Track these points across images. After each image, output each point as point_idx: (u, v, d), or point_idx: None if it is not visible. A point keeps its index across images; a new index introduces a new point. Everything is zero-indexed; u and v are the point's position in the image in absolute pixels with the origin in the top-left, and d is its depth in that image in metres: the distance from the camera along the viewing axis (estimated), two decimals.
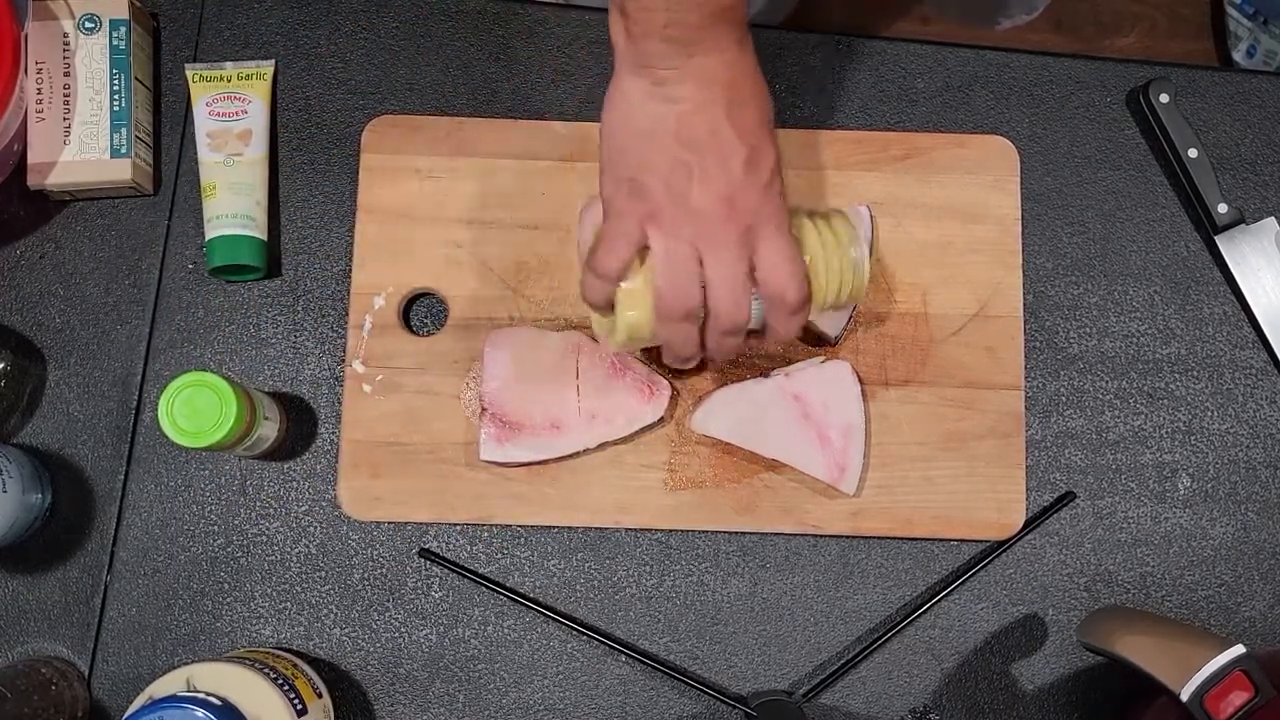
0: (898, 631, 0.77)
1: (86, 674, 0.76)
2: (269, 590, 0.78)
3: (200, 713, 0.65)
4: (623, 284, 0.65)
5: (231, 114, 0.81)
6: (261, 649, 0.76)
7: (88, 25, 0.80)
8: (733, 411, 0.76)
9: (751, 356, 0.79)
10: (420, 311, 0.81)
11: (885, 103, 0.83)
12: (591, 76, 0.83)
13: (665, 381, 0.77)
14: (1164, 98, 0.81)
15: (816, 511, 0.77)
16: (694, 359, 0.68)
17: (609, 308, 0.66)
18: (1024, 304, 0.80)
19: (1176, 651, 0.64)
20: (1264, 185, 0.83)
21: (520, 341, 0.77)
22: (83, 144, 0.79)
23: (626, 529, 0.78)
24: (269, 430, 0.75)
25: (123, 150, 0.79)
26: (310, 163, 0.82)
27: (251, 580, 0.78)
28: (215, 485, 0.79)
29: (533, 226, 0.80)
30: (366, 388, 0.78)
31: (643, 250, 0.64)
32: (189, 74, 0.82)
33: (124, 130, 0.79)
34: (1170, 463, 0.80)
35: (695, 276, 0.63)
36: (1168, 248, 0.82)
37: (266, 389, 0.79)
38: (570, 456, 0.77)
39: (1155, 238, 0.82)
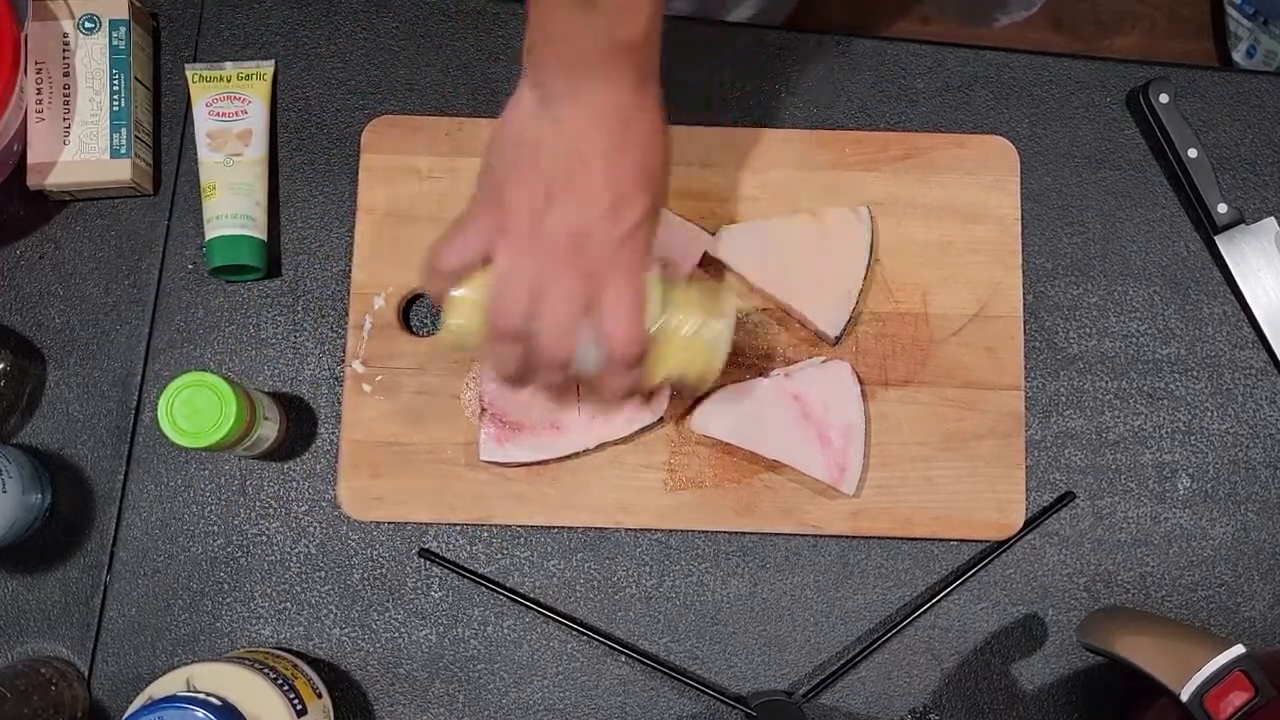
0: (898, 631, 0.77)
1: (86, 674, 0.76)
2: (269, 590, 0.78)
3: (200, 713, 0.65)
4: (457, 290, 0.64)
5: (231, 114, 0.81)
6: (261, 649, 0.76)
7: (87, 25, 0.80)
8: (732, 411, 0.76)
9: (751, 358, 0.79)
10: (420, 311, 0.81)
11: (885, 103, 0.83)
12: None
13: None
14: (1164, 98, 0.81)
15: (816, 511, 0.77)
16: (518, 384, 0.66)
17: (439, 302, 0.65)
18: (1024, 304, 0.80)
19: (1176, 651, 0.64)
20: (1264, 185, 0.83)
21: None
22: (82, 144, 0.79)
23: (626, 529, 0.78)
24: (269, 430, 0.75)
25: (122, 150, 0.79)
26: (310, 163, 0.82)
27: (251, 580, 0.78)
28: (215, 485, 0.79)
29: None
30: (366, 388, 0.78)
31: (487, 260, 0.63)
32: (189, 74, 0.82)
33: (124, 130, 0.79)
34: (1170, 463, 0.80)
35: (524, 300, 0.61)
36: (1167, 248, 0.82)
37: (266, 389, 0.79)
38: (570, 456, 0.77)
39: (1155, 238, 0.82)
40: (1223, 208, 0.80)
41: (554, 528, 0.78)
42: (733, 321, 0.68)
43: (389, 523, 0.78)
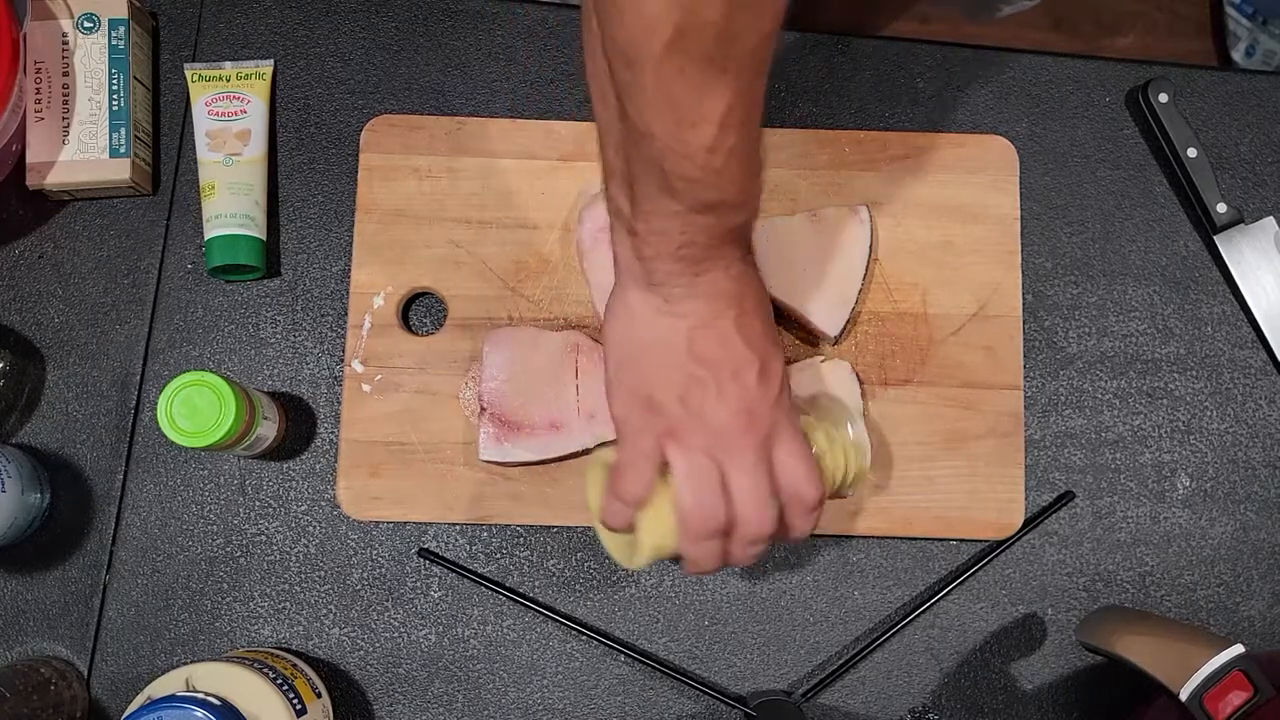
0: (897, 631, 0.76)
1: (85, 674, 0.76)
2: (268, 590, 0.77)
3: (199, 713, 0.65)
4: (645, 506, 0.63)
5: (230, 114, 0.80)
6: (260, 649, 0.76)
7: (86, 25, 0.80)
8: None
9: None
10: (419, 311, 0.81)
11: (885, 102, 0.83)
12: None
13: None
14: (1163, 97, 0.81)
15: None
16: (716, 571, 0.66)
17: (630, 529, 0.64)
18: (1023, 304, 0.80)
19: (1175, 651, 0.64)
20: (1263, 185, 0.83)
21: (519, 341, 0.77)
22: (81, 144, 0.79)
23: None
24: (268, 430, 0.75)
25: (121, 150, 0.79)
26: (309, 162, 0.82)
27: (250, 580, 0.78)
28: (214, 485, 0.79)
29: (532, 226, 0.80)
30: (365, 387, 0.78)
31: (661, 467, 0.62)
32: (188, 73, 0.82)
33: (123, 130, 0.79)
34: (1169, 462, 0.80)
35: (719, 495, 0.61)
36: (1167, 247, 0.82)
37: (265, 389, 0.79)
38: (570, 456, 0.76)
39: (1154, 237, 0.82)
40: (1222, 207, 0.80)
41: (554, 527, 0.78)
42: (861, 420, 0.70)
43: (388, 522, 0.78)
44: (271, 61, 0.83)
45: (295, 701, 0.69)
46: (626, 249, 0.60)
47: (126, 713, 0.66)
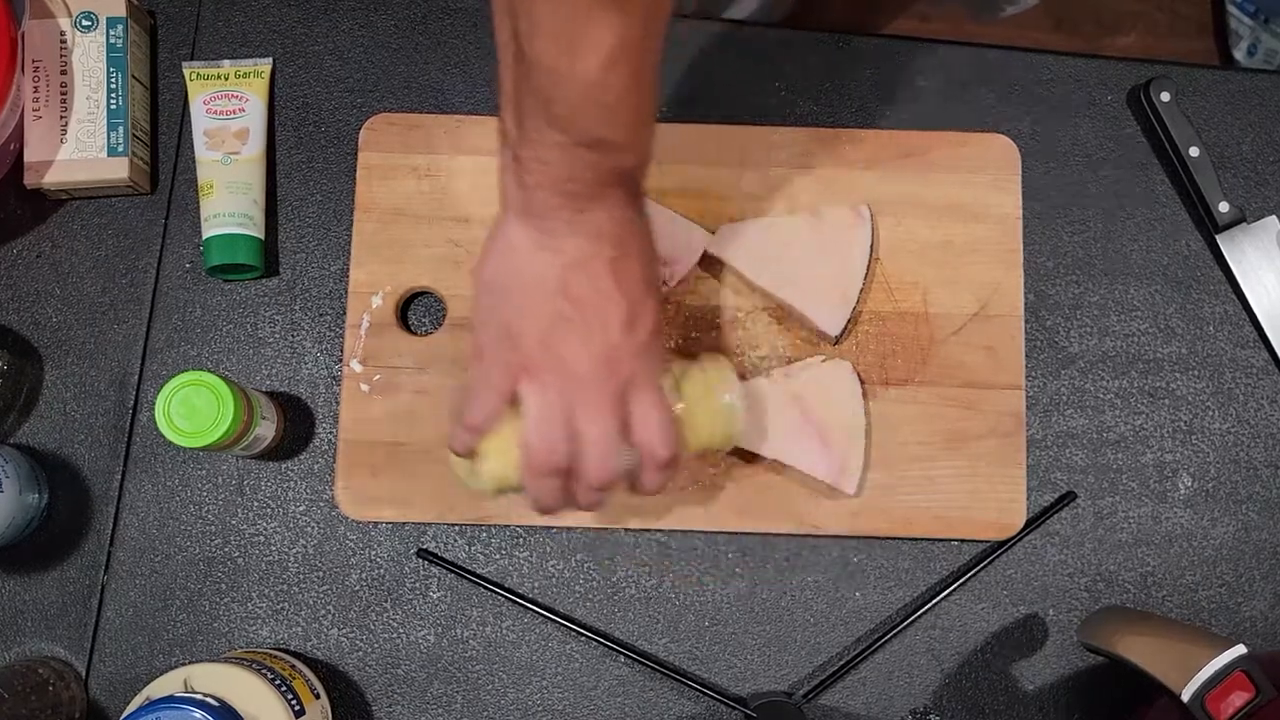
0: (898, 632, 0.76)
1: (84, 674, 0.76)
2: (266, 590, 0.77)
3: (198, 714, 0.64)
4: (492, 435, 0.63)
5: (229, 112, 0.80)
6: (259, 650, 0.76)
7: (85, 23, 0.80)
8: None
9: (748, 352, 0.78)
10: (418, 310, 0.80)
11: (885, 101, 0.83)
12: None
13: None
14: (1165, 96, 0.81)
15: (816, 512, 0.77)
16: (560, 511, 0.66)
17: (471, 456, 0.65)
18: (1025, 303, 0.80)
19: (1177, 652, 0.64)
20: (1265, 184, 0.83)
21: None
22: (79, 143, 0.79)
23: (626, 529, 0.78)
24: (266, 430, 0.75)
25: (119, 149, 0.79)
26: (308, 161, 0.82)
27: (249, 580, 0.77)
28: (213, 485, 0.78)
29: None
30: (364, 387, 0.78)
31: (513, 400, 0.62)
32: (186, 72, 0.81)
33: (121, 129, 0.79)
34: (1171, 462, 0.80)
35: (567, 432, 0.61)
36: (1169, 246, 0.82)
37: (264, 388, 0.79)
38: None
39: (1156, 236, 0.82)
40: (1224, 206, 0.80)
41: (553, 528, 0.78)
42: (739, 388, 0.69)
43: (387, 523, 0.78)
44: (270, 60, 0.82)
45: (294, 702, 0.69)
46: (511, 176, 0.60)
47: (125, 713, 0.66)
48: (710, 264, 0.79)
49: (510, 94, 0.57)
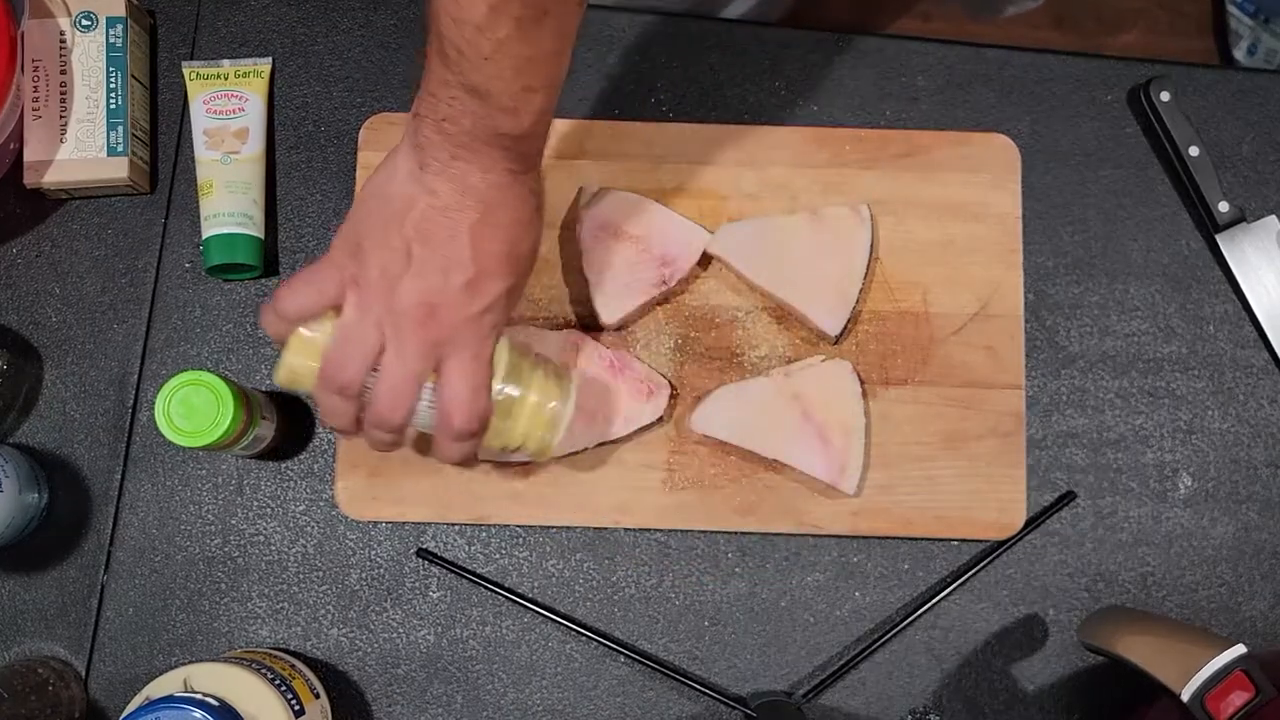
0: (898, 632, 0.76)
1: (83, 674, 0.76)
2: (266, 590, 0.77)
3: (197, 713, 0.64)
4: (302, 328, 0.63)
5: (228, 112, 0.80)
6: (259, 649, 0.76)
7: (84, 23, 0.80)
8: (732, 411, 0.76)
9: (748, 351, 0.78)
10: None
11: (886, 100, 0.83)
12: (591, 75, 0.82)
13: (664, 381, 0.77)
14: (1165, 96, 0.80)
15: (816, 511, 0.77)
16: (347, 434, 0.65)
17: (279, 341, 0.65)
18: (1025, 303, 0.80)
19: (1177, 651, 0.64)
20: (1265, 183, 0.83)
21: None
22: (79, 142, 0.79)
23: (625, 529, 0.78)
24: (266, 429, 0.75)
25: (119, 148, 0.79)
26: (307, 161, 0.82)
27: (249, 580, 0.77)
28: (212, 485, 0.78)
29: None
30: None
31: (337, 309, 0.62)
32: (186, 72, 0.81)
33: (120, 128, 0.79)
34: (1171, 462, 0.80)
35: (366, 359, 0.61)
36: (1168, 246, 0.82)
37: (264, 388, 0.79)
38: (569, 456, 0.76)
39: (1156, 236, 0.82)
40: (1224, 206, 0.80)
41: (552, 528, 0.78)
42: (573, 404, 0.68)
43: (387, 522, 0.78)
44: (269, 59, 0.82)
45: (293, 702, 0.69)
46: (414, 105, 0.61)
47: (125, 713, 0.66)
48: (710, 264, 0.79)
49: (428, 19, 0.58)
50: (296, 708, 0.69)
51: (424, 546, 0.78)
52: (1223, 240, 0.81)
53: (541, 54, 0.57)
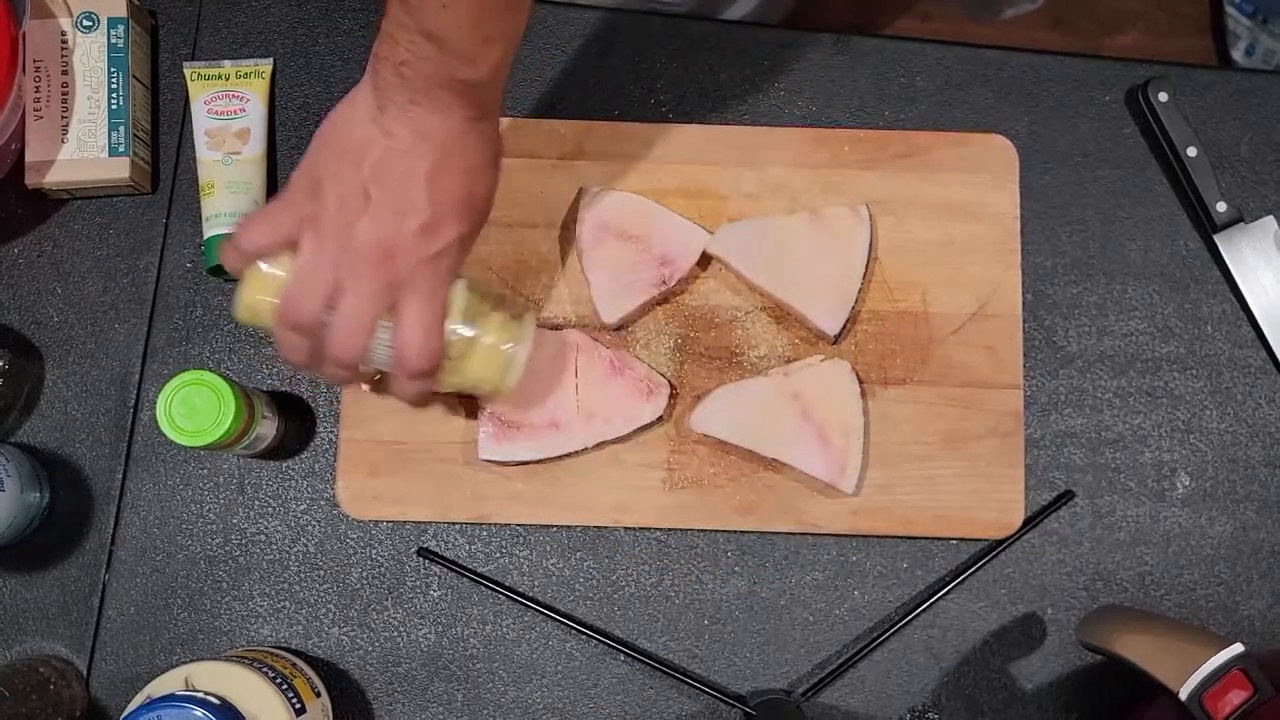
0: (897, 631, 0.76)
1: (85, 673, 0.76)
2: (267, 589, 0.77)
3: (199, 712, 0.65)
4: (261, 264, 0.64)
5: (230, 112, 0.80)
6: (260, 648, 0.76)
7: (86, 23, 0.80)
8: (731, 410, 0.76)
9: (747, 351, 0.79)
10: None
11: (885, 101, 0.83)
12: (591, 75, 0.83)
13: (664, 380, 0.77)
14: (1163, 96, 0.81)
15: (815, 510, 0.77)
16: (305, 370, 0.66)
17: (237, 276, 0.66)
18: (1023, 303, 0.80)
19: (1175, 650, 0.64)
20: (1263, 184, 0.83)
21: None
22: (80, 142, 0.79)
23: (625, 528, 0.78)
24: (267, 429, 0.75)
25: (120, 149, 0.79)
26: None
27: (250, 579, 0.78)
28: (214, 484, 0.78)
29: (531, 225, 0.80)
30: (365, 386, 0.78)
31: (295, 245, 0.63)
32: (187, 72, 0.81)
33: (122, 129, 0.79)
34: (1169, 461, 0.80)
35: (323, 297, 0.62)
36: (1167, 246, 0.82)
37: (265, 388, 0.79)
38: (569, 455, 0.76)
39: (1154, 236, 0.82)
40: (1222, 206, 0.80)
41: (553, 527, 0.78)
42: (531, 345, 0.69)
43: (388, 521, 0.78)
44: (271, 60, 0.83)
45: (294, 701, 0.69)
46: (374, 47, 0.61)
47: (126, 712, 0.66)
48: (709, 264, 0.79)
49: None
50: (298, 706, 0.69)
51: (425, 545, 0.78)
52: (1221, 240, 0.81)
53: (498, 4, 0.58)
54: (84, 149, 0.79)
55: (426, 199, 0.61)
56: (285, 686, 0.69)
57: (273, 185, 0.81)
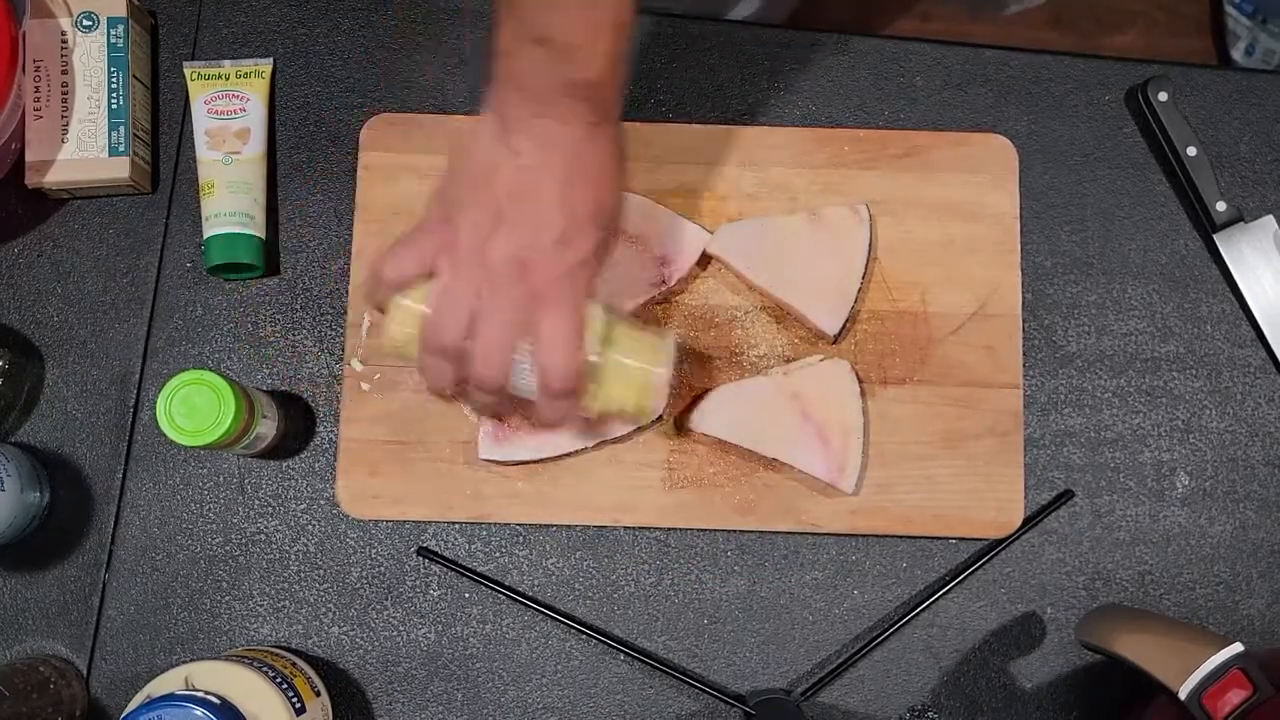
0: (896, 630, 0.76)
1: (85, 672, 0.76)
2: (267, 589, 0.78)
3: (199, 711, 0.65)
4: (399, 297, 0.65)
5: (230, 112, 0.80)
6: (260, 647, 0.76)
7: (85, 23, 0.80)
8: (731, 410, 0.76)
9: (747, 351, 0.79)
10: None
11: (884, 101, 0.83)
12: None
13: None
14: (1163, 96, 0.81)
15: (815, 510, 0.77)
16: (451, 399, 0.66)
17: (382, 309, 0.66)
18: (1023, 302, 0.80)
19: (1175, 650, 0.64)
20: (1262, 184, 0.83)
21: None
22: (80, 142, 0.79)
23: (625, 528, 0.78)
24: (267, 429, 0.75)
25: (120, 148, 0.79)
26: (309, 161, 0.82)
27: (250, 579, 0.78)
28: (214, 484, 0.79)
29: None
30: (365, 386, 0.78)
31: (434, 273, 0.64)
32: (187, 72, 0.81)
33: (122, 128, 0.79)
34: (1169, 461, 0.80)
35: (464, 320, 0.62)
36: (1166, 246, 0.82)
37: (265, 387, 0.79)
38: (569, 455, 0.77)
39: (1154, 236, 0.82)
40: (1221, 206, 0.80)
41: (553, 526, 0.78)
42: (672, 366, 0.68)
43: (388, 521, 0.78)
44: (271, 60, 0.83)
45: (294, 700, 0.69)
46: (493, 69, 0.61)
47: (126, 711, 0.66)
48: (709, 264, 0.80)
49: None
50: (297, 705, 0.69)
51: (424, 545, 0.78)
52: (1220, 240, 0.81)
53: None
54: (84, 149, 0.79)
55: (559, 210, 0.61)
56: (285, 686, 0.69)
57: (273, 185, 0.81)
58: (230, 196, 0.79)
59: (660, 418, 0.77)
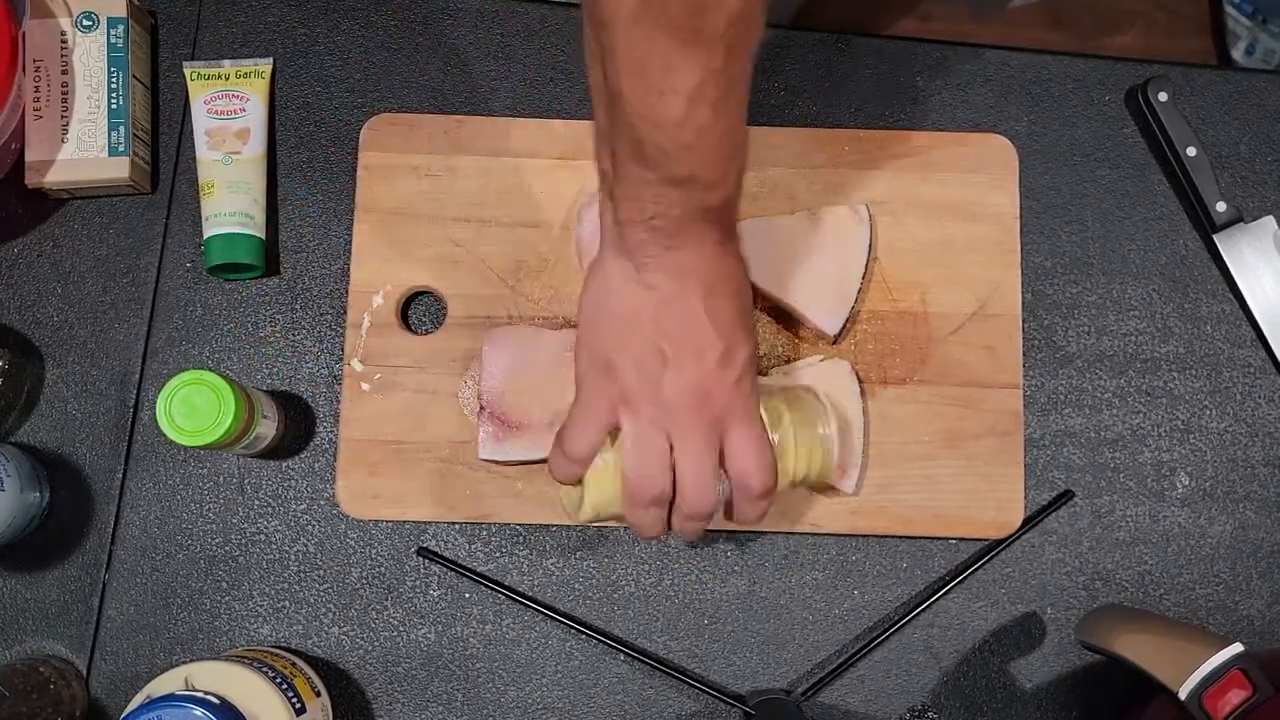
0: (896, 630, 0.77)
1: (85, 673, 0.76)
2: (267, 589, 0.78)
3: (199, 711, 0.65)
4: (592, 464, 0.65)
5: (230, 112, 0.80)
6: (260, 648, 0.76)
7: (85, 23, 0.80)
8: None
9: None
10: (419, 310, 0.81)
11: (884, 101, 0.83)
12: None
13: None
14: (1163, 96, 0.81)
15: (815, 510, 0.77)
16: (659, 538, 0.67)
17: (576, 484, 0.66)
18: (1023, 302, 0.80)
19: (1175, 650, 0.64)
20: (1262, 184, 0.83)
21: (519, 340, 0.77)
22: (80, 142, 0.79)
23: (625, 528, 0.78)
24: (267, 429, 0.75)
25: (120, 148, 0.79)
26: (309, 161, 0.82)
27: (250, 579, 0.78)
28: (213, 484, 0.79)
29: (531, 225, 0.80)
30: (365, 386, 0.78)
31: (613, 430, 0.64)
32: (187, 72, 0.81)
33: (122, 128, 0.79)
34: (1168, 461, 0.80)
35: (665, 464, 0.62)
36: (1166, 246, 0.82)
37: (265, 387, 0.79)
38: None
39: (1154, 236, 0.82)
40: (1221, 206, 0.80)
41: (553, 526, 0.78)
42: (833, 421, 0.69)
43: (387, 521, 0.78)
44: (270, 60, 0.83)
45: (294, 700, 0.69)
46: (607, 212, 0.61)
47: (126, 711, 0.66)
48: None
49: (605, 133, 0.59)
50: (297, 706, 0.69)
51: (424, 545, 0.78)
52: (1220, 240, 0.81)
53: (737, 120, 0.57)
54: (84, 149, 0.79)
55: (714, 331, 0.61)
56: (285, 686, 0.69)
57: (272, 185, 0.81)
58: (230, 196, 0.79)
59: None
